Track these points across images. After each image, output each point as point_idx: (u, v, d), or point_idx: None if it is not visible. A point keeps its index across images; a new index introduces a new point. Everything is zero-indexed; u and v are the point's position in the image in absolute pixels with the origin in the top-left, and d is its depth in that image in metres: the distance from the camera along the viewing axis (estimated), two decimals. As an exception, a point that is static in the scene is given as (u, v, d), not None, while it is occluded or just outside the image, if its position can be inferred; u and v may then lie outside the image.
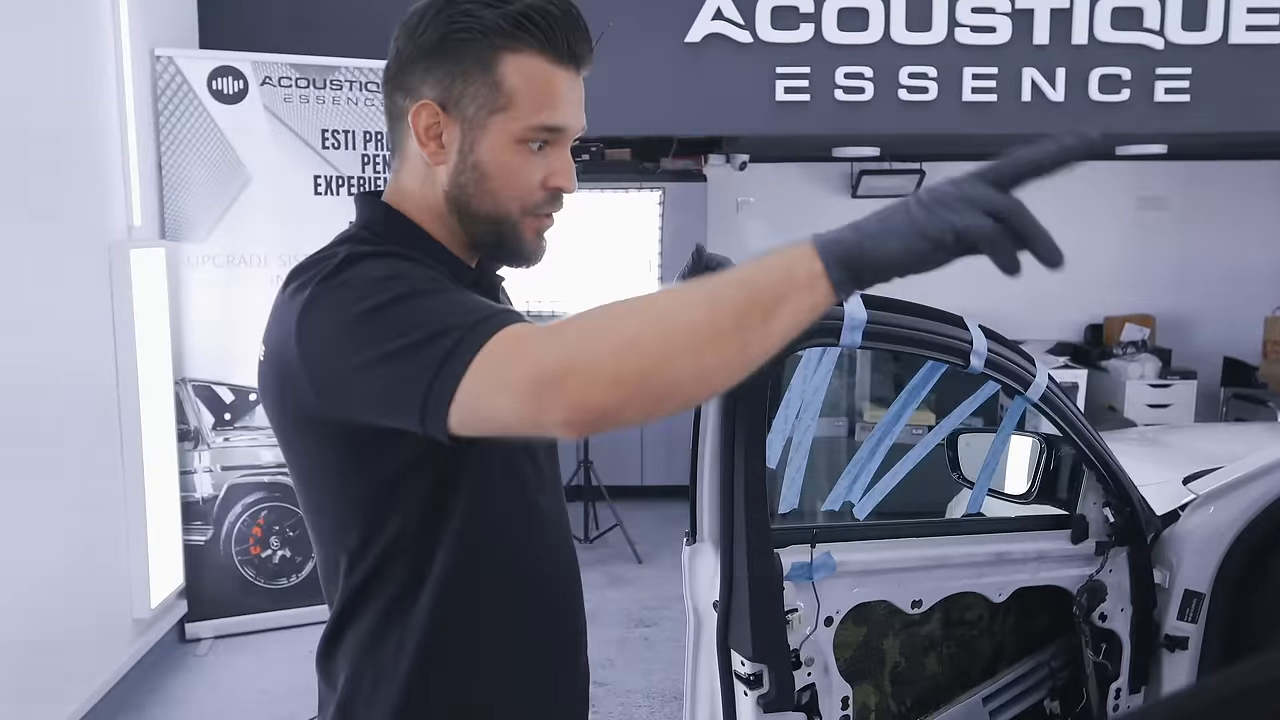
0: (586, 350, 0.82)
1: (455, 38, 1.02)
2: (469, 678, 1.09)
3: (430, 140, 1.06)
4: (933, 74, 4.22)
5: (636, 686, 3.45)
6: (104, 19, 3.30)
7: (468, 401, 0.84)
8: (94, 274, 3.22)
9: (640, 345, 0.81)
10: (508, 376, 0.83)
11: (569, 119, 1.07)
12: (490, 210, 1.07)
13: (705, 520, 1.61)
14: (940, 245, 0.80)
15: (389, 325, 0.89)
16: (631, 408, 0.81)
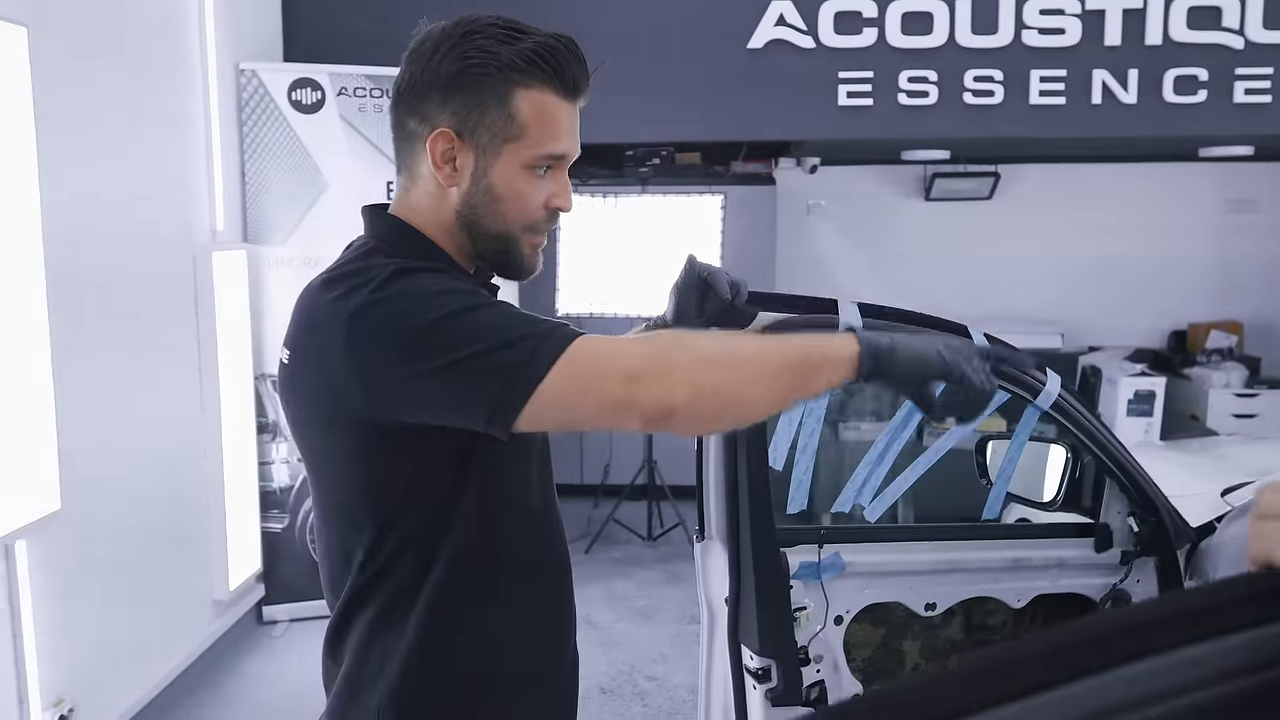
0: (672, 358, 1.02)
1: (472, 71, 1.11)
2: (467, 658, 1.17)
3: (445, 164, 1.14)
4: (999, 77, 4.18)
5: (685, 682, 3.52)
6: (193, 35, 3.51)
7: (551, 399, 0.99)
8: (181, 275, 3.44)
9: (715, 366, 1.03)
10: (599, 374, 1.01)
11: (570, 147, 1.18)
12: (499, 229, 1.17)
13: (712, 519, 1.67)
14: (946, 375, 1.10)
15: (459, 334, 1.01)
16: (693, 412, 1.01)
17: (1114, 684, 0.46)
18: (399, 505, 1.12)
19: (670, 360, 1.02)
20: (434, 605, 1.14)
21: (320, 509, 1.21)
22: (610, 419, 1.03)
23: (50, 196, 2.57)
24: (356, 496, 1.15)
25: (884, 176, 5.93)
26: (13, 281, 2.45)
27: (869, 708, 0.50)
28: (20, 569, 2.55)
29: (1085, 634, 0.50)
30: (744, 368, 1.04)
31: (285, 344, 1.16)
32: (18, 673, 2.57)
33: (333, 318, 1.05)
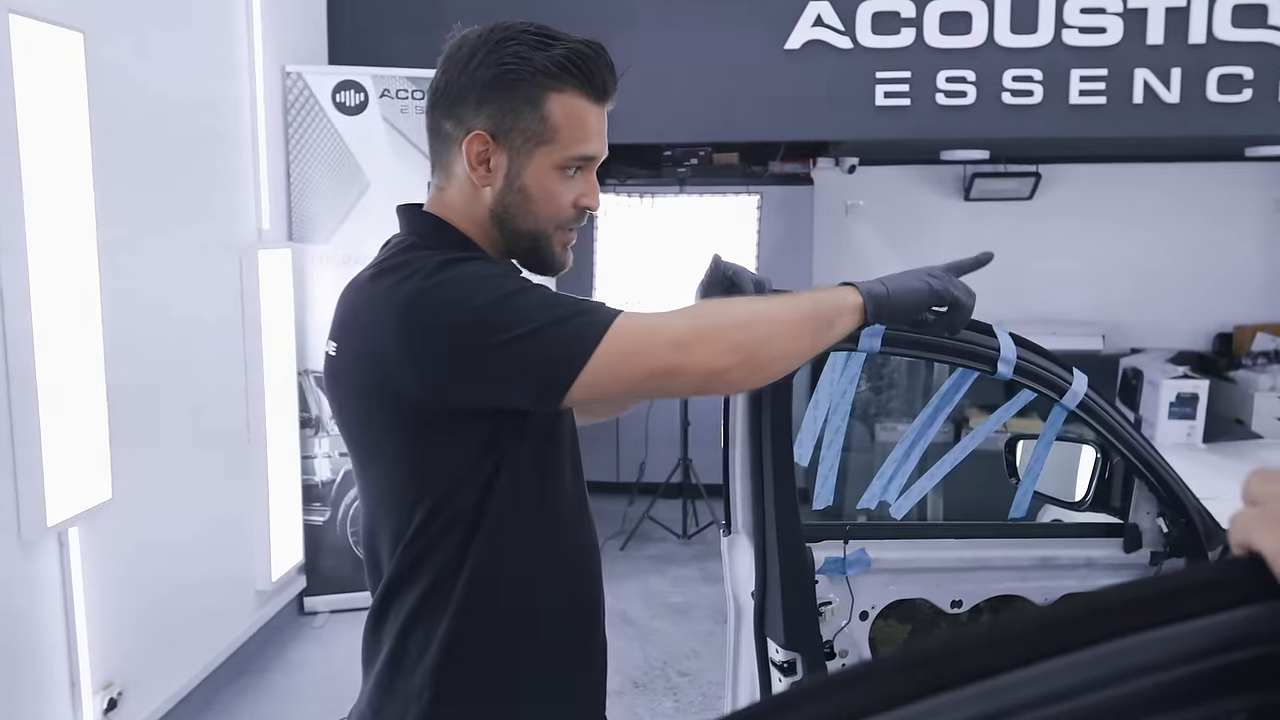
0: (714, 324, 1.12)
1: (507, 77, 1.17)
2: (506, 636, 1.23)
3: (479, 165, 1.20)
4: (1038, 76, 4.15)
5: (719, 678, 3.54)
6: (240, 39, 3.60)
7: (602, 369, 1.08)
8: (227, 272, 3.53)
9: (751, 327, 1.13)
10: (648, 344, 1.10)
11: (599, 149, 1.24)
12: (531, 227, 1.23)
13: (739, 514, 1.70)
14: (939, 300, 1.30)
15: (509, 315, 1.08)
16: (738, 372, 1.12)
17: (1089, 661, 0.49)
18: (444, 486, 1.17)
19: (713, 325, 1.11)
20: (474, 585, 1.19)
21: (366, 493, 1.26)
22: (659, 385, 1.13)
23: (103, 196, 2.66)
24: (403, 478, 1.20)
25: (923, 176, 5.91)
26: (67, 277, 2.54)
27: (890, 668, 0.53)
28: (73, 556, 2.64)
29: (1070, 613, 0.52)
30: (775, 326, 1.15)
31: (331, 337, 1.22)
32: (70, 656, 2.66)
33: (385, 306, 1.12)
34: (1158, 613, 0.50)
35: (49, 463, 2.46)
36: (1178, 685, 0.48)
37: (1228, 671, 0.49)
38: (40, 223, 2.43)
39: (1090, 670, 0.49)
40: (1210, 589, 0.51)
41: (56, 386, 2.49)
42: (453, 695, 1.20)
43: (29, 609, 2.52)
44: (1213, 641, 0.49)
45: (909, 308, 1.27)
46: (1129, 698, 0.48)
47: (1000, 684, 0.47)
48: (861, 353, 1.54)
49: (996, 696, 0.46)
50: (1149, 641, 0.49)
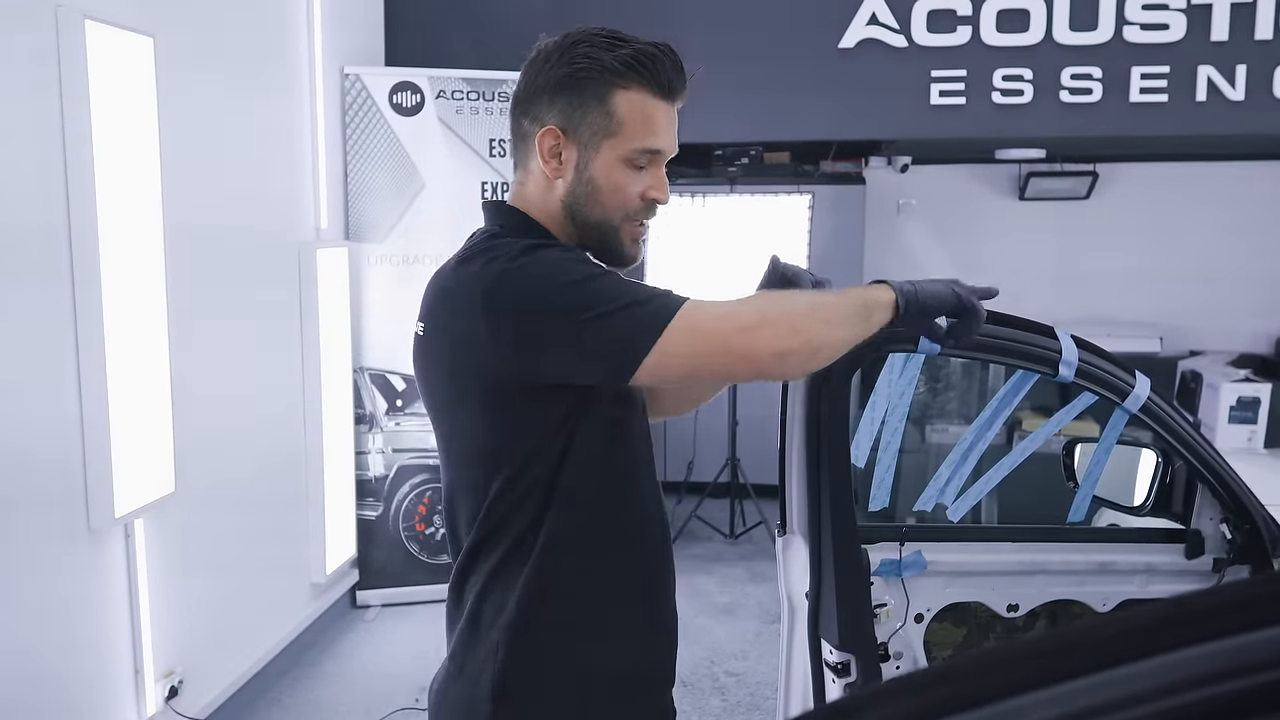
0: (773, 311, 1.19)
1: (578, 75, 1.25)
2: (573, 601, 1.29)
3: (551, 159, 1.29)
4: (1097, 74, 4.09)
5: (766, 679, 3.54)
6: (301, 42, 3.67)
7: (673, 349, 1.14)
8: (286, 271, 3.60)
9: (809, 316, 1.20)
10: (716, 327, 1.16)
11: (666, 143, 1.30)
12: (599, 218, 1.30)
13: (795, 514, 1.70)
14: (959, 309, 1.35)
15: (587, 296, 1.16)
16: (797, 356, 1.18)
17: (1157, 670, 0.49)
18: (521, 457, 1.24)
19: (776, 312, 1.18)
20: (547, 551, 1.26)
21: (448, 466, 1.33)
22: (724, 367, 1.20)
23: (171, 196, 2.73)
24: (482, 450, 1.27)
25: (977, 175, 5.84)
26: (137, 277, 2.61)
27: (925, 681, 0.54)
28: (138, 547, 2.71)
29: (1129, 624, 0.52)
30: (830, 316, 1.22)
31: (420, 319, 1.30)
32: (134, 644, 2.73)
33: (473, 285, 1.20)
34: (1236, 620, 0.50)
35: (117, 456, 2.53)
36: (1246, 697, 0.48)
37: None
38: (111, 221, 2.50)
39: (1162, 677, 0.49)
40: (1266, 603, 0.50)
41: (124, 383, 2.56)
42: (525, 653, 1.26)
43: (96, 597, 2.60)
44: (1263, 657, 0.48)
45: (933, 309, 1.32)
46: (1196, 707, 0.48)
47: (1085, 685, 0.47)
48: (921, 354, 1.54)
49: (1083, 697, 0.47)
50: (1222, 650, 0.49)
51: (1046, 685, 0.49)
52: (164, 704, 2.83)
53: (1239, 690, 0.47)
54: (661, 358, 1.15)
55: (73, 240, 2.42)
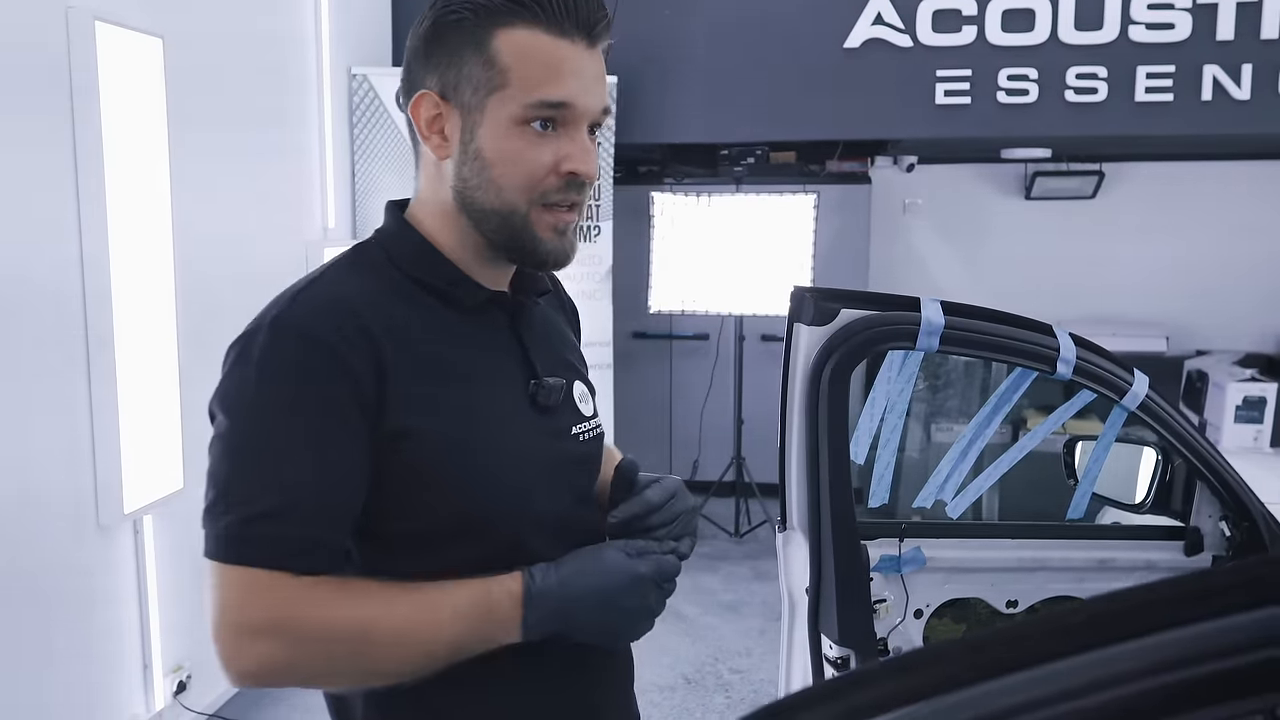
0: (306, 626, 0.92)
1: (449, 20, 0.99)
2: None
3: (433, 133, 1.01)
4: (1102, 74, 4.09)
5: (770, 676, 3.55)
6: (309, 42, 3.70)
7: (208, 568, 0.92)
8: (294, 270, 3.61)
9: (356, 650, 0.94)
10: (217, 601, 0.91)
11: (575, 94, 0.98)
12: (496, 203, 1.00)
13: (794, 510, 1.72)
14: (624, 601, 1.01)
15: (214, 462, 0.95)
16: (278, 680, 0.94)
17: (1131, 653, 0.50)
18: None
19: (308, 628, 0.92)
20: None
21: None
22: (214, 642, 0.93)
23: (180, 196, 2.76)
24: None
25: (983, 175, 5.84)
26: (146, 277, 2.64)
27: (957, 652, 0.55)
28: (147, 542, 2.74)
29: (1108, 609, 0.54)
30: (389, 657, 0.95)
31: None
32: (143, 639, 2.76)
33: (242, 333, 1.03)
34: (1195, 609, 0.51)
35: (126, 454, 2.56)
36: (1197, 683, 0.50)
37: (1244, 672, 0.50)
38: (120, 219, 2.53)
39: (1128, 662, 0.50)
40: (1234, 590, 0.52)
41: (134, 381, 2.59)
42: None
43: (106, 592, 2.62)
44: (1230, 641, 0.50)
45: (581, 622, 0.99)
46: (1154, 693, 0.50)
47: (1052, 670, 0.49)
48: (919, 352, 1.56)
49: (1049, 683, 0.48)
50: (1177, 639, 0.50)
51: (1025, 669, 0.51)
52: (172, 698, 2.86)
53: (1202, 675, 0.49)
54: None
55: (83, 238, 2.45)
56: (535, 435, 1.07)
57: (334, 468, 0.94)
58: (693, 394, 5.49)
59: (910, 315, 1.52)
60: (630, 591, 0.99)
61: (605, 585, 0.98)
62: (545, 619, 0.96)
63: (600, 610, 0.98)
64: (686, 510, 1.10)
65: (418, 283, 1.03)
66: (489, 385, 1.05)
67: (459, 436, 0.99)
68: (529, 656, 0.99)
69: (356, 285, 1.01)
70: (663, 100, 4.25)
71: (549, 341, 1.14)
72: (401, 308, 1.01)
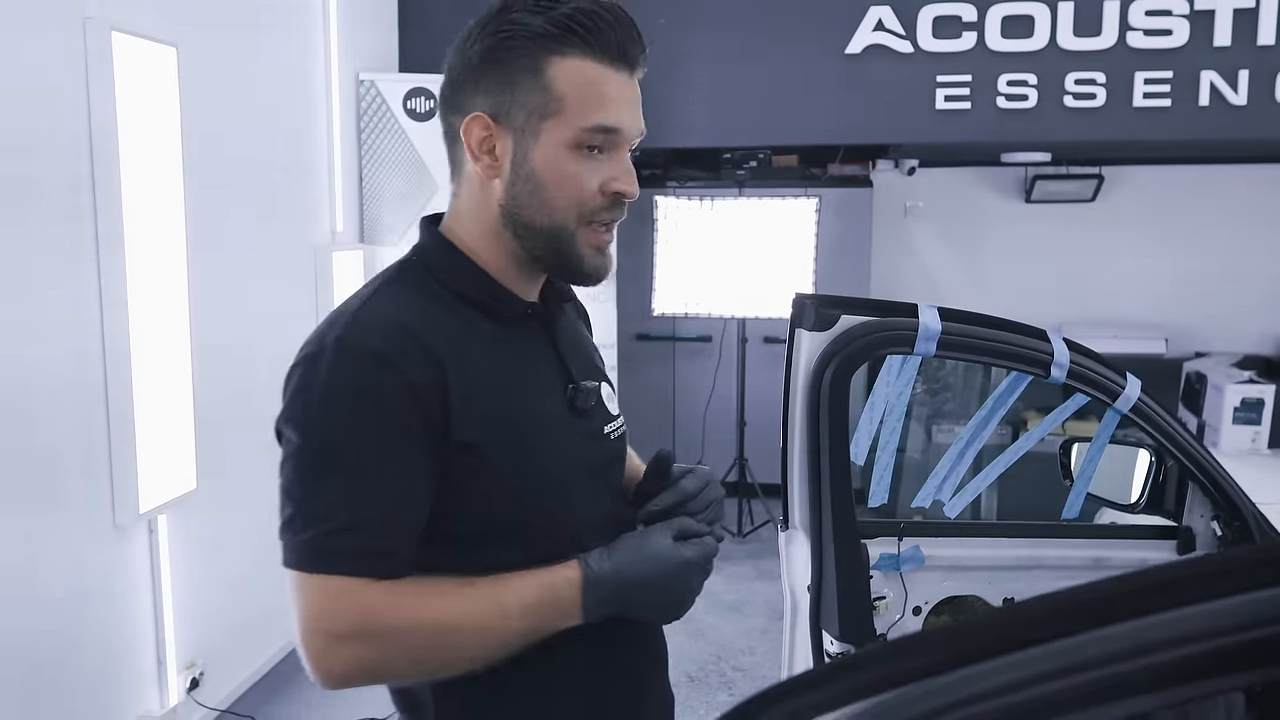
0: (389, 625, 0.98)
1: (503, 46, 1.03)
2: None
3: (484, 154, 1.06)
4: (1101, 80, 4.14)
5: (772, 674, 3.60)
6: (318, 48, 3.75)
7: (289, 581, 0.99)
8: (303, 274, 3.68)
9: (434, 642, 1.01)
10: (302, 609, 0.98)
11: (622, 120, 1.06)
12: (546, 222, 1.06)
13: (796, 510, 1.77)
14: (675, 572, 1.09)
15: (287, 479, 1.02)
16: (364, 681, 1.01)
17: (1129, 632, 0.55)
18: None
19: (392, 628, 0.99)
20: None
21: None
22: (299, 651, 1.00)
23: (192, 203, 2.81)
24: None
25: (983, 178, 5.89)
26: (160, 280, 2.69)
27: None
28: (161, 541, 2.80)
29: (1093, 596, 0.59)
30: (464, 645, 1.02)
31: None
32: (157, 636, 2.81)
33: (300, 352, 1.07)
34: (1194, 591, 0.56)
35: (141, 454, 2.61)
36: (1194, 660, 0.54)
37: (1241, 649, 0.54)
38: (136, 223, 2.58)
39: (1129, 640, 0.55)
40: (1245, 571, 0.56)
41: (149, 383, 2.64)
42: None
43: (121, 591, 2.68)
44: (1228, 622, 0.55)
45: (636, 598, 1.07)
46: (1157, 670, 0.54)
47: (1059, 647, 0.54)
48: (918, 356, 1.60)
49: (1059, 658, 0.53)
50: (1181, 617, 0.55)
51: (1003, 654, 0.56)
52: (185, 695, 2.91)
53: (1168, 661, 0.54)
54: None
55: (99, 241, 2.50)
56: (577, 438, 1.14)
57: (404, 481, 1.00)
58: (696, 395, 5.54)
59: (908, 321, 1.57)
60: (677, 575, 1.06)
61: (655, 569, 1.05)
62: (603, 602, 1.04)
63: (651, 592, 1.06)
64: (718, 499, 1.18)
65: (459, 296, 1.09)
66: (534, 394, 1.11)
67: (513, 447, 1.06)
68: (583, 642, 1.07)
69: (408, 303, 1.07)
70: (666, 105, 4.29)
71: (578, 347, 1.22)
72: (452, 323, 1.07)
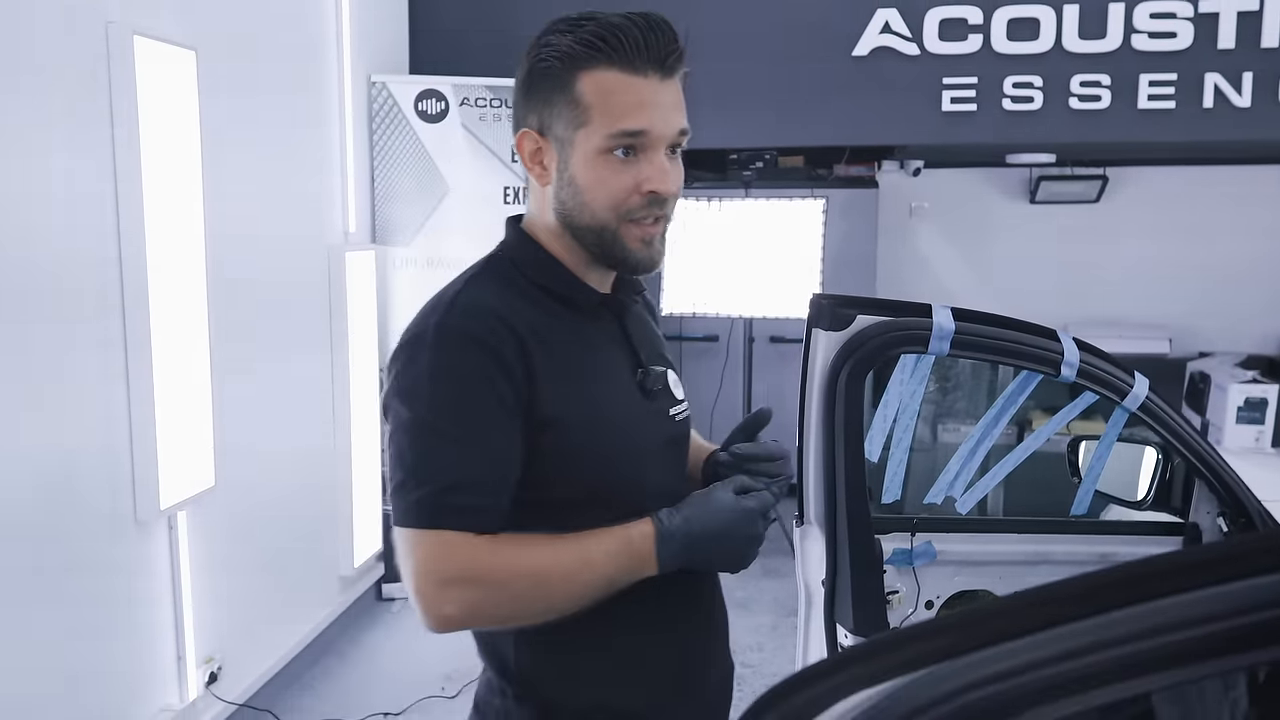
0: (490, 572, 1.12)
1: (539, 68, 1.16)
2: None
3: (535, 164, 1.20)
4: (1106, 82, 4.17)
5: (781, 670, 3.64)
6: (330, 51, 3.79)
7: (397, 538, 1.13)
8: (317, 274, 3.72)
9: (531, 591, 1.14)
10: (412, 564, 1.11)
11: (649, 122, 1.14)
12: (590, 221, 1.18)
13: (811, 504, 1.81)
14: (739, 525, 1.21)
15: (400, 444, 1.14)
16: (472, 623, 1.18)
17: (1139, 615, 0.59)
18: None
19: (493, 574, 1.12)
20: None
21: None
22: (412, 600, 1.14)
23: (211, 203, 2.85)
24: None
25: (988, 179, 5.92)
26: (180, 279, 2.73)
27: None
28: (181, 537, 2.84)
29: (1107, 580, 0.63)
30: (553, 594, 1.14)
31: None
32: (177, 631, 2.86)
33: (407, 332, 1.19)
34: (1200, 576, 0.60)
35: (162, 451, 2.65)
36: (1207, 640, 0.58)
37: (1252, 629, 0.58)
38: (157, 226, 2.62)
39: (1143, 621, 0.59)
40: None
41: (171, 382, 2.69)
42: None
43: (142, 585, 2.72)
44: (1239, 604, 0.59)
45: (705, 549, 1.18)
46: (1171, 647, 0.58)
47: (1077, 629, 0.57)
48: (931, 355, 1.64)
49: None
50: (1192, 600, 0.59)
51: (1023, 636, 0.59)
52: (204, 689, 2.95)
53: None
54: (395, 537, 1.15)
55: (121, 243, 2.54)
56: (646, 418, 1.27)
57: (499, 447, 1.14)
58: (703, 394, 5.58)
59: (923, 321, 1.61)
60: (740, 523, 1.18)
61: (719, 520, 1.17)
62: (675, 554, 1.15)
63: (718, 540, 1.17)
64: (787, 475, 1.33)
65: (542, 288, 1.22)
66: (608, 377, 1.24)
67: (589, 424, 1.19)
68: (649, 602, 1.19)
69: (497, 293, 1.20)
70: (675, 107, 4.33)
71: (647, 336, 1.34)
72: (535, 312, 1.20)
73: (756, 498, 1.21)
